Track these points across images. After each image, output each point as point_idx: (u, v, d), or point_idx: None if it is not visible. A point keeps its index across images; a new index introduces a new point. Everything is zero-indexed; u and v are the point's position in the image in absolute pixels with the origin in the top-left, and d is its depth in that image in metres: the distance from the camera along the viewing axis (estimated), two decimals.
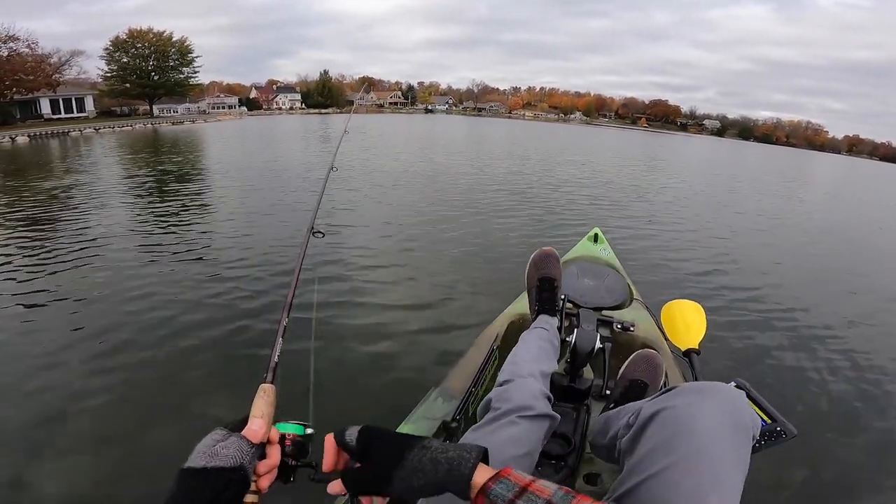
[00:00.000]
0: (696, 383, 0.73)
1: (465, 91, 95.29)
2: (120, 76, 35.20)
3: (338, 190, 7.32)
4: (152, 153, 13.56)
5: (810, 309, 3.95)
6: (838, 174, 28.27)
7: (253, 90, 67.29)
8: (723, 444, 0.60)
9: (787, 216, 8.97)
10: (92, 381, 2.35)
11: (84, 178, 8.72)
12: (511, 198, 7.81)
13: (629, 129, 72.38)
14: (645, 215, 7.29)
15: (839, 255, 6.34)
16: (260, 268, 4.01)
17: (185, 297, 3.39)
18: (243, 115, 47.77)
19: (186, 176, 9.27)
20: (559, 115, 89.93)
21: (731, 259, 5.28)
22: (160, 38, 36.35)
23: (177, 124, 30.20)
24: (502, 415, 0.91)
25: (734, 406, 0.65)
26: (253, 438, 0.54)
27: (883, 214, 11.31)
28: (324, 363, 2.51)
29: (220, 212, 6.25)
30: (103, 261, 4.15)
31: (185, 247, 4.62)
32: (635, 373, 1.17)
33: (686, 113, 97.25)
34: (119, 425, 2.06)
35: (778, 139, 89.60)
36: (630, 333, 1.64)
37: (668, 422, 0.64)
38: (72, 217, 5.70)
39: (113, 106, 37.64)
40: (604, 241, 2.63)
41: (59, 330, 2.88)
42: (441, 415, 1.30)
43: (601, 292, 1.90)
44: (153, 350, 2.67)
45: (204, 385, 2.36)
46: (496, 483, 0.50)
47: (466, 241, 5.15)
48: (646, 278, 4.04)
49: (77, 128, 23.39)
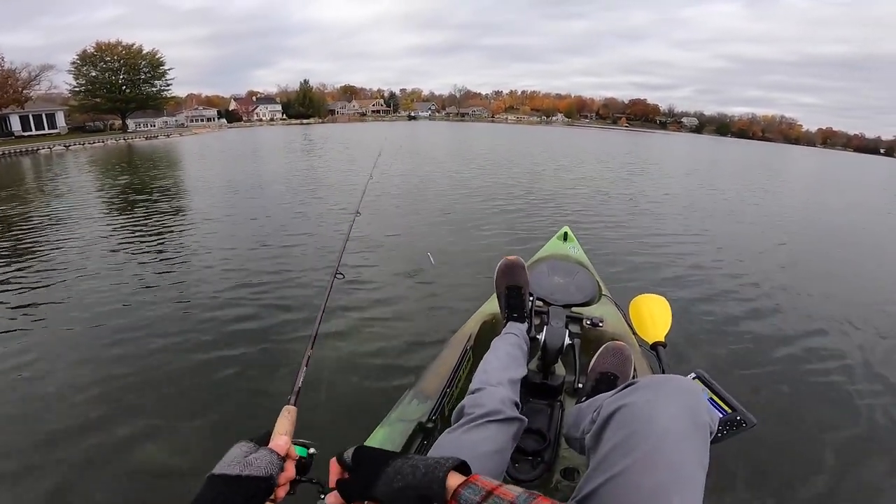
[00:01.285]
0: (654, 377, 0.72)
1: (447, 97, 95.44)
2: (89, 91, 33.92)
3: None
4: (125, 170, 12.94)
5: (774, 298, 4.03)
6: (814, 167, 28.93)
7: (232, 102, 66.19)
8: (682, 443, 0.60)
9: (752, 210, 8.93)
10: (120, 394, 2.42)
11: (58, 204, 8.10)
12: (485, 203, 7.67)
13: (610, 129, 73.31)
14: (613, 213, 7.36)
15: (806, 246, 6.38)
16: (254, 301, 3.66)
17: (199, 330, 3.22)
18: (223, 128, 46.88)
19: (163, 200, 8.72)
20: (541, 117, 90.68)
21: (697, 252, 5.36)
22: (129, 50, 35.20)
23: (151, 139, 29.23)
24: (474, 419, 0.95)
25: (692, 402, 0.65)
26: (279, 452, 0.61)
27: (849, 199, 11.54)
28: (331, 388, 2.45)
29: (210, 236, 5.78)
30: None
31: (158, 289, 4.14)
32: (604, 365, 1.19)
33: (664, 111, 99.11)
34: (152, 442, 2.09)
35: (754, 134, 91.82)
36: (599, 329, 1.68)
37: (627, 420, 0.64)
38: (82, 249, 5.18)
39: (86, 121, 36.49)
40: (573, 239, 2.68)
41: (93, 350, 2.88)
42: (417, 416, 1.28)
43: (571, 290, 1.91)
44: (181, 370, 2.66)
45: (227, 403, 2.38)
46: (465, 488, 0.54)
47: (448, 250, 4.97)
48: (614, 274, 4.13)
49: (47, 145, 22.51)
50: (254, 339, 3.00)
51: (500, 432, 0.94)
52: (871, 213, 10.07)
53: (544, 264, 2.14)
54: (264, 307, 3.50)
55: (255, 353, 2.84)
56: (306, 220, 6.40)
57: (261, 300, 3.63)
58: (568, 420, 1.04)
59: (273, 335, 3.05)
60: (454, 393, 1.46)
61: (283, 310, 3.44)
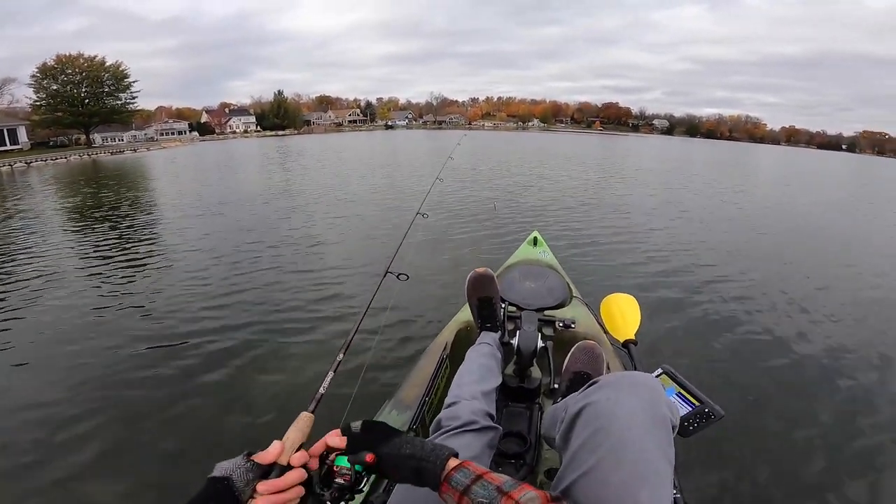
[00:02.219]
0: (615, 375, 0.73)
1: (424, 105, 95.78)
2: (50, 105, 32.44)
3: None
4: (92, 189, 12.37)
5: (740, 293, 4.12)
6: (775, 162, 30.19)
7: (204, 114, 64.76)
8: (644, 437, 0.62)
9: (717, 208, 9.14)
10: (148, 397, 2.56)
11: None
12: (462, 212, 7.60)
13: (584, 133, 74.77)
14: (582, 216, 7.49)
15: (771, 240, 6.56)
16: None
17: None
18: (195, 141, 45.72)
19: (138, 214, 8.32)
20: (518, 123, 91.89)
21: (662, 251, 5.49)
22: (92, 63, 33.94)
23: (116, 154, 28.20)
24: (451, 430, 1.00)
25: (651, 397, 0.66)
26: (261, 460, 0.61)
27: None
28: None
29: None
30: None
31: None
32: (577, 365, 1.22)
33: (636, 114, 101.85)
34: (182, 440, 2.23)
35: (722, 134, 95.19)
36: (572, 330, 1.69)
37: (591, 418, 0.66)
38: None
39: (50, 136, 34.96)
40: (543, 243, 2.73)
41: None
42: (397, 426, 1.44)
43: (542, 293, 1.92)
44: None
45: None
46: (457, 471, 0.61)
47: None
48: (584, 276, 4.19)
49: (7, 162, 21.42)
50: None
51: (476, 440, 0.99)
52: (835, 211, 10.32)
53: (516, 270, 2.16)
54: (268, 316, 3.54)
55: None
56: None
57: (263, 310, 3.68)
58: (545, 421, 1.05)
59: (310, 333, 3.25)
60: (433, 402, 1.48)
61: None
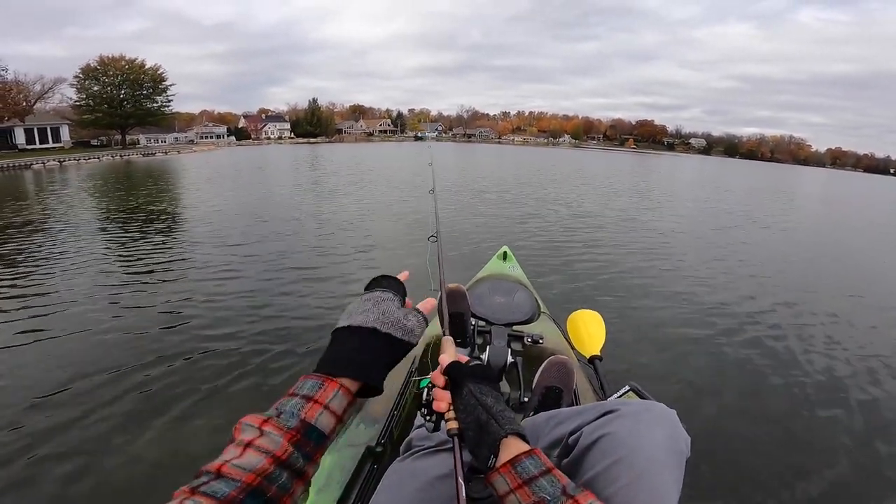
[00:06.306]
0: (634, 404, 0.72)
1: (455, 117, 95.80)
2: (90, 105, 33.23)
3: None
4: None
5: (705, 309, 4.15)
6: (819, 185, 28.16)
7: (242, 119, 66.43)
8: (664, 472, 0.62)
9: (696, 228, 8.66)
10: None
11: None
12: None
13: (615, 151, 72.68)
14: (550, 234, 7.32)
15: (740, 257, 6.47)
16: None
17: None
18: (231, 145, 46.58)
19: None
20: (548, 139, 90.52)
21: (629, 268, 5.44)
22: (132, 65, 34.67)
23: (148, 156, 28.46)
24: (422, 449, 1.00)
25: (672, 433, 0.66)
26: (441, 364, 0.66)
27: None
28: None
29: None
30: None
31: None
32: (549, 379, 1.24)
33: (672, 132, 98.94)
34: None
35: (763, 155, 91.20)
36: (540, 346, 1.73)
37: (610, 448, 0.65)
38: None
39: (91, 136, 35.99)
40: (512, 258, 2.77)
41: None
42: (365, 440, 1.29)
43: (511, 308, 1.85)
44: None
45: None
46: (528, 458, 0.56)
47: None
48: (551, 293, 4.19)
49: (41, 160, 21.72)
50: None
51: (448, 457, 0.95)
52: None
53: (485, 284, 2.11)
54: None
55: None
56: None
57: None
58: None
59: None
60: (402, 415, 1.45)
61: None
